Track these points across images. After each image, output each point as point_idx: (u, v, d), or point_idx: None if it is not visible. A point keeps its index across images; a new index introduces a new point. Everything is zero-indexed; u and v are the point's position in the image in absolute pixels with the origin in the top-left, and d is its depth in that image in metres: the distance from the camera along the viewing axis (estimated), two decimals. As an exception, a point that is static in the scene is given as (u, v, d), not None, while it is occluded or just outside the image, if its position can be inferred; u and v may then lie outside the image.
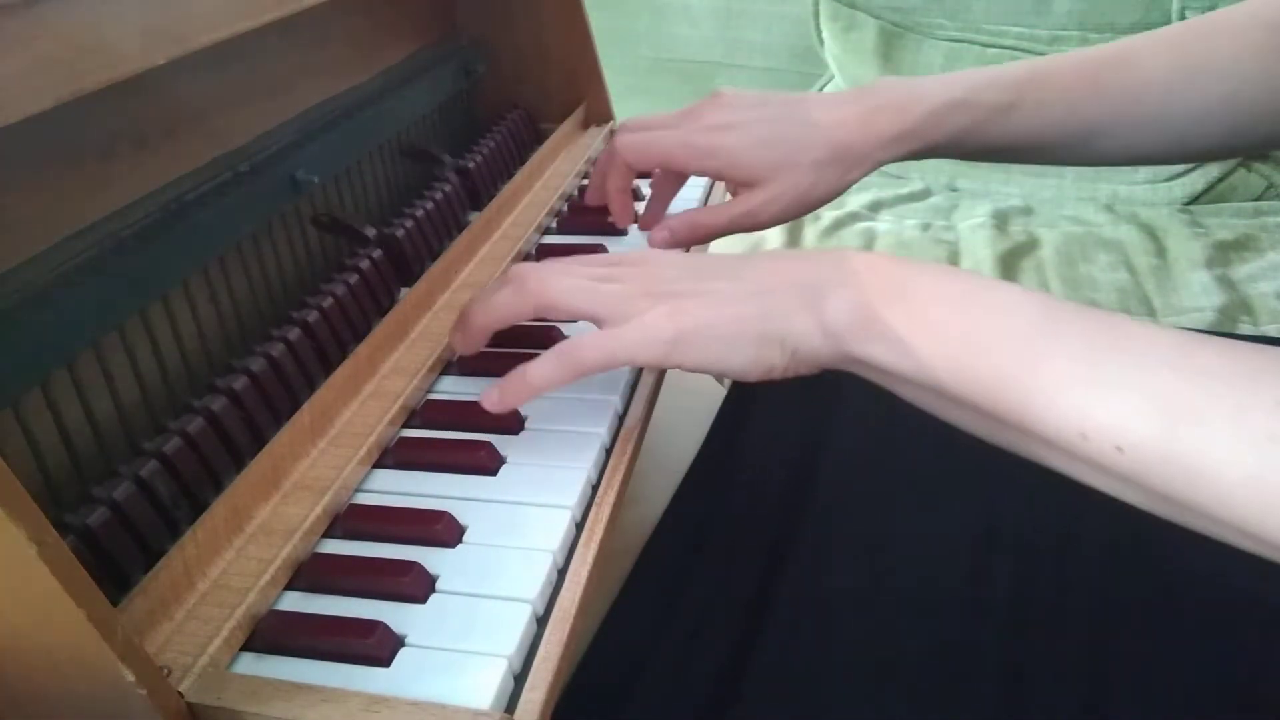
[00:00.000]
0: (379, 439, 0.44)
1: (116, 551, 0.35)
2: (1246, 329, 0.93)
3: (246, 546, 0.38)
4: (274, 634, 0.35)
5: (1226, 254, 1.05)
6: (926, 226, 1.17)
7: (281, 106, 0.55)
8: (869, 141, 0.54)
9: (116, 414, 0.41)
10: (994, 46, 1.25)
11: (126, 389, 0.42)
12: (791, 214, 0.55)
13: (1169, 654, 0.46)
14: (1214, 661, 0.45)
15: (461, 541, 0.39)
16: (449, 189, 0.62)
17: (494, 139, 0.71)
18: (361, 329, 0.51)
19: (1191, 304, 0.97)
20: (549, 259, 0.48)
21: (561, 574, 0.38)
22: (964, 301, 0.38)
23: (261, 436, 0.42)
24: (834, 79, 1.36)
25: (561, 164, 0.73)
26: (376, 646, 0.34)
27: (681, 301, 0.41)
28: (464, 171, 0.65)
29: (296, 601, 0.37)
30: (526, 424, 0.46)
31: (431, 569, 0.37)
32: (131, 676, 0.29)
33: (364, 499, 0.42)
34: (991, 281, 0.40)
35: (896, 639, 0.47)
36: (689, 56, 1.47)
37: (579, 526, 0.40)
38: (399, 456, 0.44)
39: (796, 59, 1.40)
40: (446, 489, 0.42)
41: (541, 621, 0.36)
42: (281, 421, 0.42)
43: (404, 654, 0.34)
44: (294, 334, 0.46)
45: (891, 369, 0.39)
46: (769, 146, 0.54)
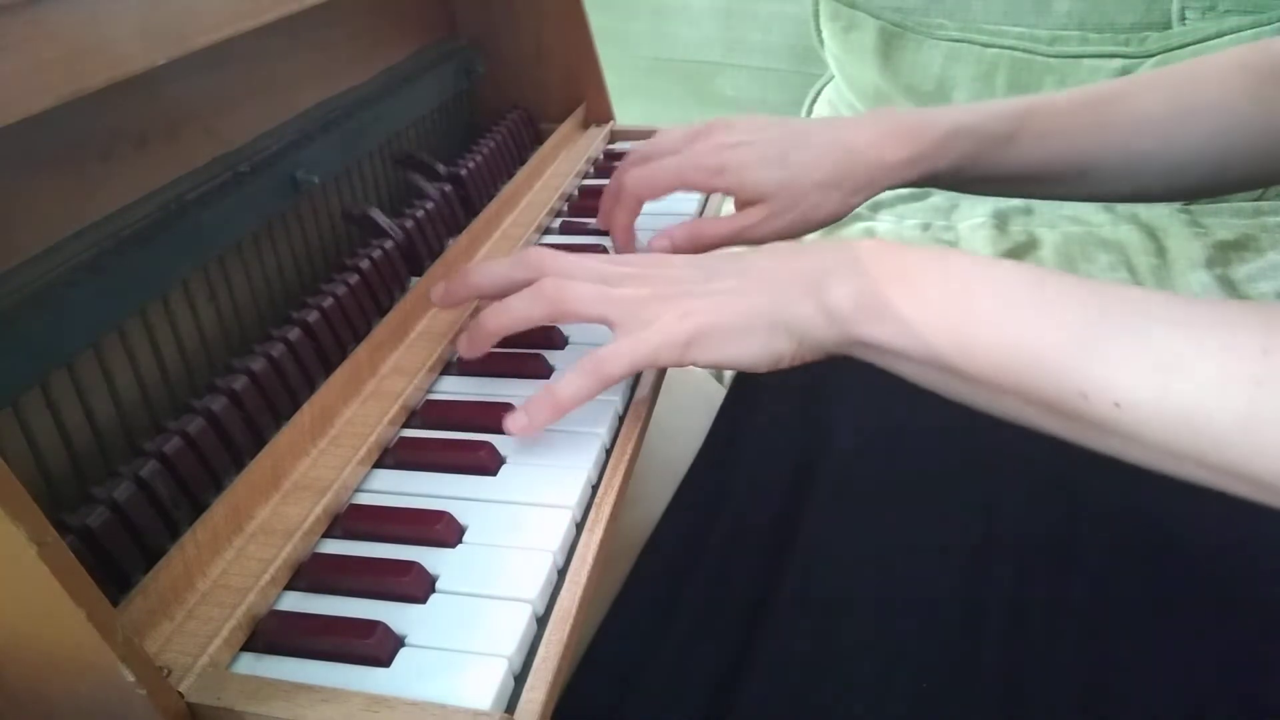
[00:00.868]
0: (379, 439, 0.44)
1: (116, 551, 0.35)
2: (1246, 329, 0.93)
3: (246, 546, 0.38)
4: (274, 634, 0.35)
5: (1226, 254, 1.05)
6: (926, 226, 1.17)
7: (281, 106, 0.55)
8: (876, 166, 0.56)
9: (116, 414, 0.41)
10: (994, 46, 1.25)
11: (126, 389, 0.42)
12: (793, 232, 0.57)
13: (1168, 656, 0.46)
14: (1214, 664, 0.45)
15: (461, 541, 0.39)
16: (444, 195, 0.62)
17: (494, 139, 0.71)
18: (362, 329, 0.51)
19: (1191, 304, 0.97)
20: (564, 254, 0.48)
21: (561, 574, 0.38)
22: (964, 280, 0.40)
23: (261, 436, 0.43)
24: (834, 79, 1.36)
25: (561, 164, 0.73)
26: (376, 646, 0.34)
27: (693, 303, 0.43)
28: (457, 179, 0.64)
29: (296, 601, 0.37)
30: (527, 424, 0.46)
31: (431, 569, 0.37)
32: (131, 676, 0.29)
33: (364, 499, 0.42)
34: (990, 260, 0.42)
35: (896, 639, 0.47)
36: (689, 56, 1.47)
37: (579, 526, 0.40)
38: (399, 456, 0.44)
39: (796, 59, 1.40)
40: (446, 489, 0.42)
41: (541, 621, 0.36)
42: (281, 421, 0.42)
43: (404, 654, 0.34)
44: (294, 334, 0.46)
45: (895, 349, 0.41)
46: (776, 165, 0.55)
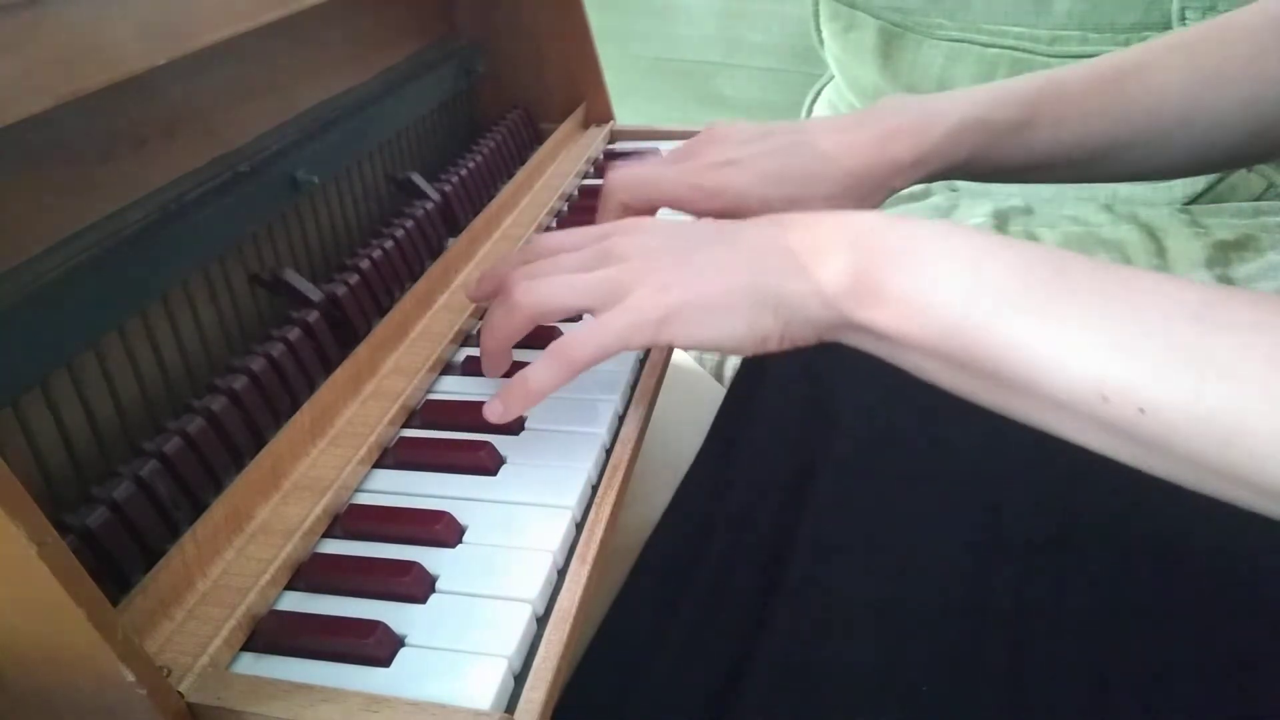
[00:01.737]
0: (379, 439, 0.44)
1: (116, 551, 0.35)
2: (1246, 329, 0.93)
3: (246, 546, 0.38)
4: (274, 634, 0.35)
5: (1226, 254, 1.05)
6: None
7: (281, 106, 0.55)
8: (885, 169, 0.52)
9: (116, 414, 0.41)
10: (994, 46, 1.25)
11: (126, 389, 0.42)
12: None
13: (1171, 657, 0.45)
14: (1217, 665, 0.45)
15: (461, 541, 0.39)
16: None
17: (494, 139, 0.71)
18: (362, 329, 0.51)
19: (1191, 304, 0.97)
20: (538, 256, 0.46)
21: (561, 574, 0.38)
22: (970, 259, 0.36)
23: (261, 436, 0.43)
24: (834, 79, 1.36)
25: (561, 164, 0.73)
26: (376, 646, 0.34)
27: (668, 276, 0.40)
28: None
29: (296, 601, 0.37)
30: (526, 424, 0.46)
31: (431, 569, 0.37)
32: (131, 676, 0.29)
33: (364, 499, 0.42)
34: (999, 238, 0.37)
35: (897, 639, 0.47)
36: (689, 56, 1.47)
37: (579, 526, 0.40)
38: (399, 456, 0.44)
39: (796, 59, 1.40)
40: (446, 489, 0.42)
41: (541, 621, 0.36)
42: (281, 421, 0.42)
43: (404, 654, 0.34)
44: (294, 334, 0.46)
45: (894, 334, 0.37)
46: (778, 182, 0.51)
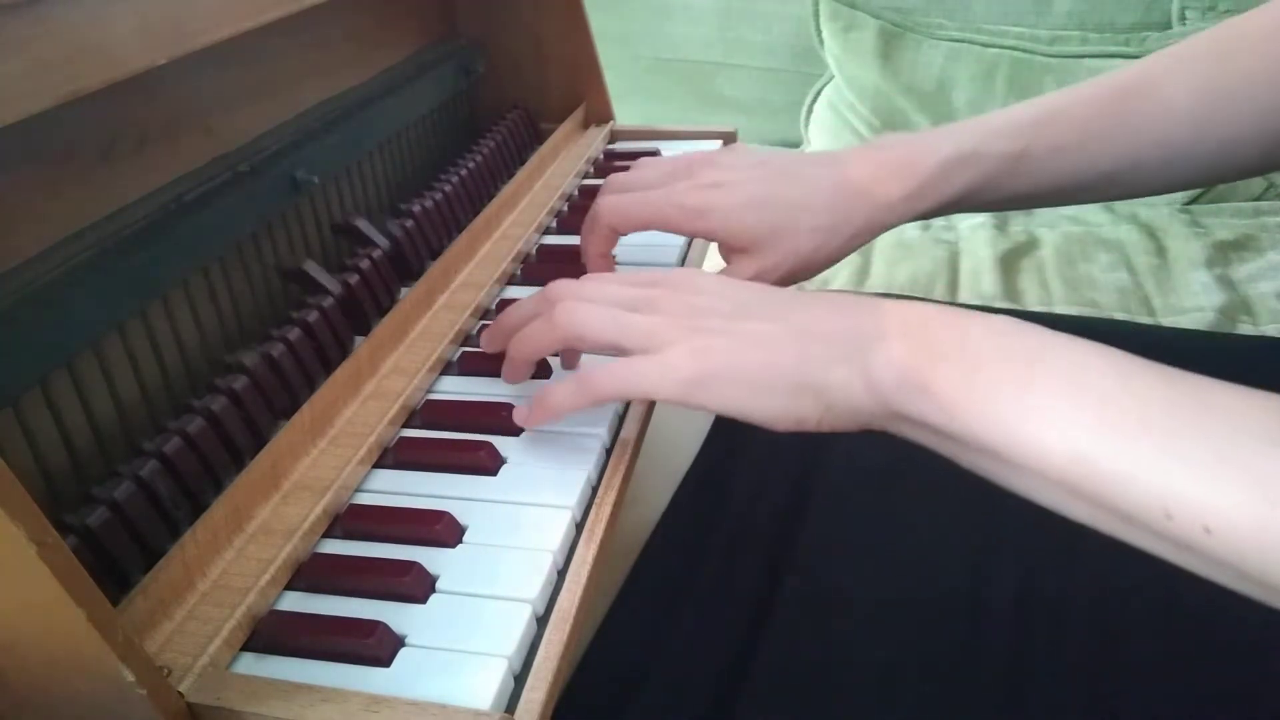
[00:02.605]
0: (379, 439, 0.44)
1: (116, 551, 0.35)
2: (1246, 329, 0.93)
3: (246, 546, 0.38)
4: (274, 634, 0.35)
5: (1226, 254, 1.05)
6: (927, 226, 1.17)
7: (281, 106, 0.55)
8: (873, 206, 0.51)
9: (116, 414, 0.41)
10: (994, 46, 1.25)
11: (126, 389, 0.42)
12: (793, 280, 0.52)
13: (1173, 660, 0.45)
14: (1218, 668, 0.45)
15: (461, 541, 0.39)
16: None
17: (494, 139, 0.71)
18: (363, 329, 0.51)
19: (1192, 304, 0.97)
20: (588, 276, 0.46)
21: (561, 574, 0.38)
22: (1028, 360, 0.35)
23: (261, 436, 0.43)
24: (834, 79, 1.36)
25: (561, 164, 0.73)
26: (376, 646, 0.34)
27: (709, 339, 0.39)
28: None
29: (296, 601, 0.37)
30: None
31: (431, 569, 0.37)
32: (131, 676, 0.29)
33: (364, 499, 0.42)
34: (1060, 337, 0.35)
35: (897, 640, 0.47)
36: (689, 56, 1.47)
37: (579, 526, 0.40)
38: (399, 456, 0.44)
39: (796, 59, 1.40)
40: (446, 489, 0.42)
41: (541, 621, 0.36)
42: (281, 421, 0.42)
43: (404, 654, 0.34)
44: (294, 334, 0.46)
45: (946, 431, 0.36)
46: (765, 208, 0.50)
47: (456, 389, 0.49)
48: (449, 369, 0.51)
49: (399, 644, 0.34)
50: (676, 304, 0.41)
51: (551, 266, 0.61)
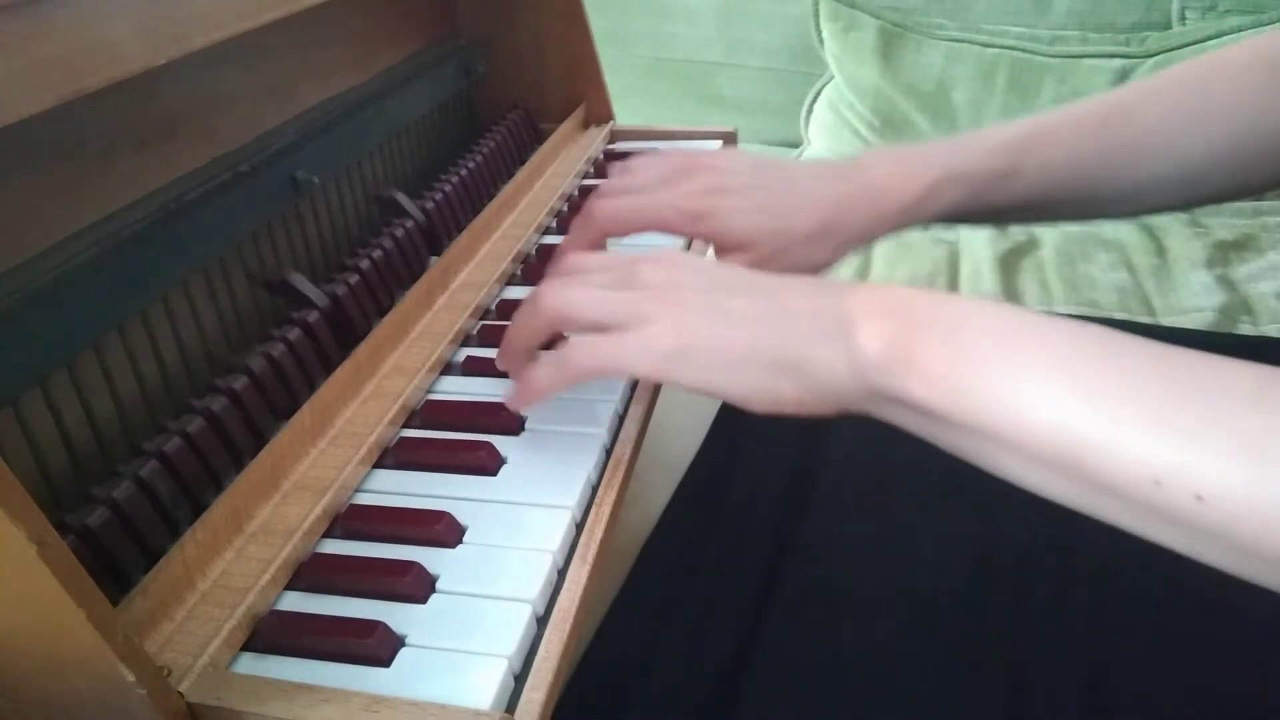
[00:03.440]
0: (379, 439, 0.44)
1: (116, 551, 0.35)
2: (1246, 329, 0.93)
3: (246, 546, 0.38)
4: (274, 634, 0.35)
5: (1226, 254, 1.05)
6: (926, 226, 1.16)
7: (281, 106, 0.55)
8: (864, 216, 0.52)
9: (116, 414, 0.41)
10: (994, 46, 1.25)
11: (126, 389, 0.42)
12: None
13: (1170, 660, 0.45)
14: (1217, 666, 0.45)
15: (461, 541, 0.39)
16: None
17: (494, 139, 0.71)
18: (362, 329, 0.51)
19: (1192, 304, 0.97)
20: (572, 258, 0.46)
21: (561, 574, 0.38)
22: (1016, 335, 0.35)
23: (261, 436, 0.43)
24: (834, 79, 1.36)
25: (561, 164, 0.73)
26: (376, 646, 0.34)
27: (691, 314, 0.39)
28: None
29: (296, 601, 0.37)
30: (526, 424, 0.46)
31: (431, 569, 0.37)
32: (131, 676, 0.29)
33: (364, 499, 0.42)
34: (1046, 316, 0.36)
35: (897, 640, 0.47)
36: (689, 56, 1.47)
37: (579, 526, 0.40)
38: (399, 456, 0.44)
39: (796, 59, 1.40)
40: (446, 489, 0.42)
41: (541, 621, 0.36)
42: (281, 421, 0.42)
43: (404, 654, 0.34)
44: (294, 334, 0.46)
45: (931, 408, 0.35)
46: (762, 213, 0.50)
47: (456, 389, 0.49)
48: (449, 369, 0.51)
49: (399, 644, 0.34)
50: (658, 279, 0.41)
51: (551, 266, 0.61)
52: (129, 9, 0.36)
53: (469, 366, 0.50)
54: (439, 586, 0.37)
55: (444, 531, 0.39)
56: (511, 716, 0.32)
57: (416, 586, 0.36)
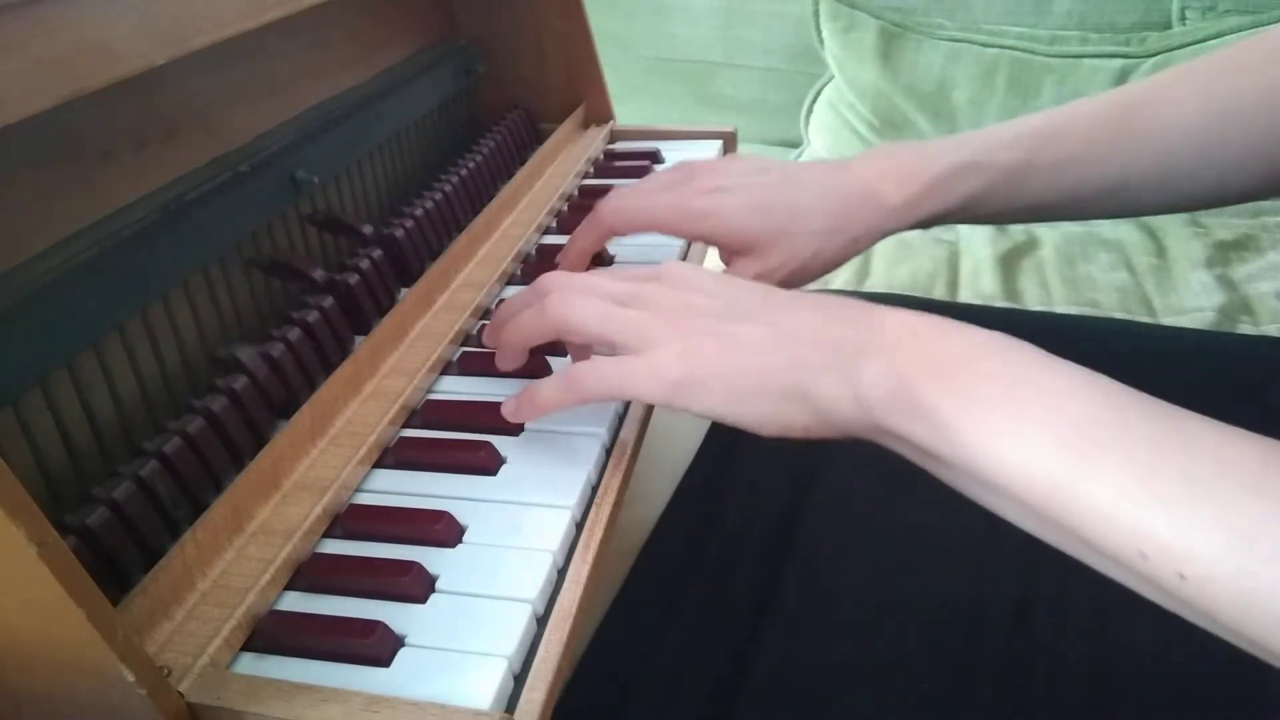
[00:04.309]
0: (379, 439, 0.44)
1: (116, 551, 0.35)
2: (1246, 329, 0.93)
3: (246, 546, 0.38)
4: (274, 634, 0.35)
5: (1226, 254, 1.05)
6: (940, 225, 1.16)
7: (281, 106, 0.55)
8: (873, 212, 0.51)
9: (116, 414, 0.41)
10: (994, 46, 1.25)
11: (126, 389, 0.42)
12: (792, 285, 0.51)
13: (1172, 657, 0.45)
14: (1217, 670, 0.45)
15: (461, 541, 0.39)
16: (448, 189, 0.62)
17: (494, 139, 0.71)
18: (363, 329, 0.51)
19: (1192, 304, 0.97)
20: (585, 271, 0.46)
21: (561, 574, 0.38)
22: (1017, 386, 0.34)
23: (261, 436, 0.43)
24: (834, 79, 1.36)
25: (561, 164, 0.73)
26: (376, 646, 0.34)
27: (699, 341, 0.39)
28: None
29: (296, 601, 0.37)
30: (526, 424, 0.46)
31: (431, 569, 0.37)
32: (131, 676, 0.29)
33: (364, 499, 0.42)
34: (1052, 362, 0.35)
35: (897, 641, 0.47)
36: (689, 56, 1.47)
37: (579, 526, 0.40)
38: (399, 456, 0.44)
39: (796, 59, 1.40)
40: (446, 489, 0.42)
41: (541, 621, 0.36)
42: (281, 422, 0.42)
43: (404, 654, 0.34)
44: (294, 334, 0.46)
45: (931, 449, 0.35)
46: (765, 212, 0.50)
47: (456, 389, 0.49)
48: (449, 369, 0.51)
49: (399, 644, 0.34)
50: (669, 300, 0.41)
51: (551, 266, 0.60)
52: (129, 9, 0.36)
53: (469, 366, 0.50)
54: (439, 586, 0.37)
55: (444, 531, 0.39)
56: (511, 716, 0.32)
57: (416, 586, 0.36)
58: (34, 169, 0.39)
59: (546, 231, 0.65)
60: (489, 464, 0.43)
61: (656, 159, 0.75)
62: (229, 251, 0.49)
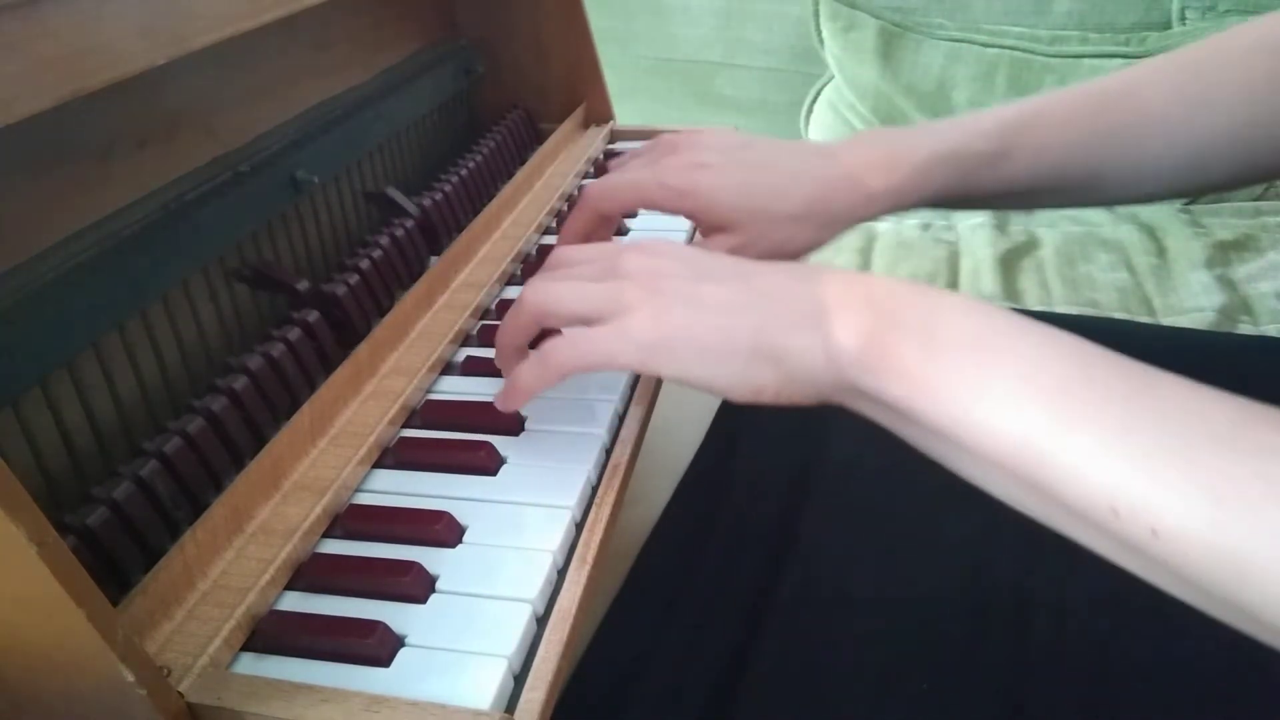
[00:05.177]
0: (379, 439, 0.44)
1: (116, 551, 0.35)
2: (1247, 329, 0.93)
3: (246, 546, 0.38)
4: (274, 634, 0.35)
5: (1226, 254, 1.05)
6: (927, 226, 1.17)
7: (281, 106, 0.55)
8: (850, 199, 0.51)
9: (116, 414, 0.41)
10: (994, 46, 1.25)
11: (126, 389, 0.42)
12: None
13: (1172, 657, 0.45)
14: (1217, 668, 0.45)
15: (461, 541, 0.39)
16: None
17: (494, 139, 0.71)
18: (362, 329, 0.51)
19: (1192, 304, 0.97)
20: (558, 252, 0.46)
21: (561, 574, 0.38)
22: (990, 344, 0.34)
23: (261, 436, 0.43)
24: (834, 79, 1.36)
25: (561, 164, 0.73)
26: (376, 646, 0.34)
27: (669, 303, 0.39)
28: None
29: (296, 601, 0.37)
30: (526, 424, 0.46)
31: (431, 569, 0.37)
32: (131, 676, 0.29)
33: (364, 499, 0.42)
34: (1025, 323, 0.35)
35: (897, 639, 0.47)
36: (689, 56, 1.47)
37: (579, 526, 0.40)
38: (399, 456, 0.44)
39: (796, 59, 1.40)
40: (446, 489, 0.42)
41: (541, 621, 0.36)
42: (281, 421, 0.42)
43: (404, 654, 0.34)
44: (294, 334, 0.46)
45: (901, 408, 0.35)
46: (745, 192, 0.50)
47: (456, 389, 0.49)
48: (449, 369, 0.51)
49: (399, 644, 0.34)
50: (639, 266, 0.41)
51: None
52: (129, 9, 0.36)
53: (469, 366, 0.50)
54: (439, 586, 0.37)
55: (444, 531, 0.39)
56: (511, 716, 0.32)
57: (416, 586, 0.36)
58: (34, 169, 0.39)
59: (546, 231, 0.65)
60: (489, 464, 0.43)
61: (656, 159, 0.75)
62: (229, 251, 0.49)
